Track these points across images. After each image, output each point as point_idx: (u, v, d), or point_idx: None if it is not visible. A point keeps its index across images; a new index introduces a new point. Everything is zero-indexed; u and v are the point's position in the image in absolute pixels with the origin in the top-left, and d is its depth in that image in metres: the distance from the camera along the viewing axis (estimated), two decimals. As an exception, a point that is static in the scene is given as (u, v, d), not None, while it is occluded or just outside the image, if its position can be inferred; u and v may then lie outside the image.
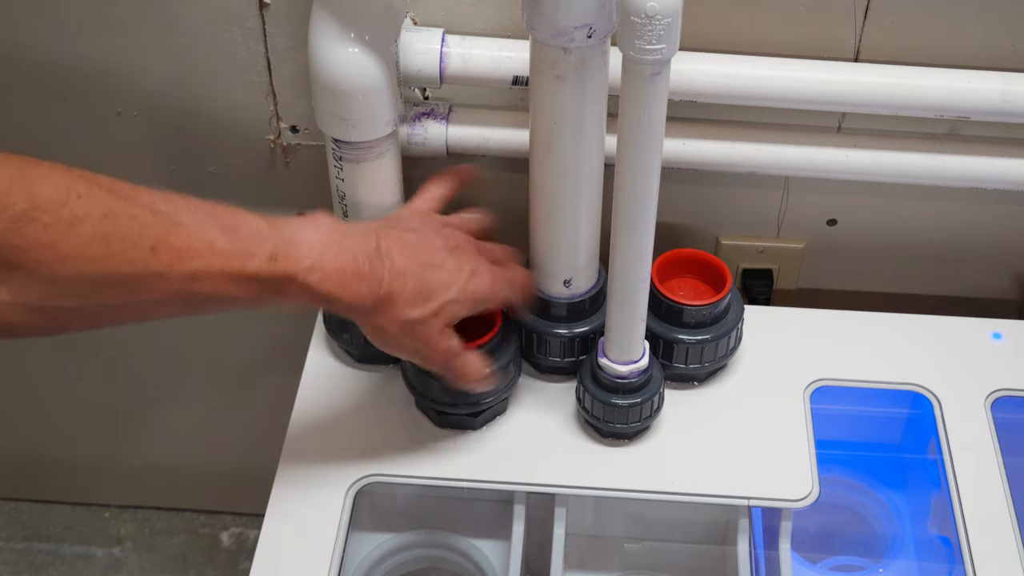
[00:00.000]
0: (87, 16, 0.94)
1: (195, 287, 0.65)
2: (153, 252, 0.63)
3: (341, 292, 0.72)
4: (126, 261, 0.62)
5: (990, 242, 1.06)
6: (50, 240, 0.59)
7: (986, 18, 0.91)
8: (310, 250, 0.70)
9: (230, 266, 0.66)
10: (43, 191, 0.60)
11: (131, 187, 0.65)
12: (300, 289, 0.70)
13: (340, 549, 0.84)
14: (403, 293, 0.75)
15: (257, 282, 0.68)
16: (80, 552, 1.40)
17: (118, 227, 0.62)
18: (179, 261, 0.64)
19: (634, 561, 0.94)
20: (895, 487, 0.99)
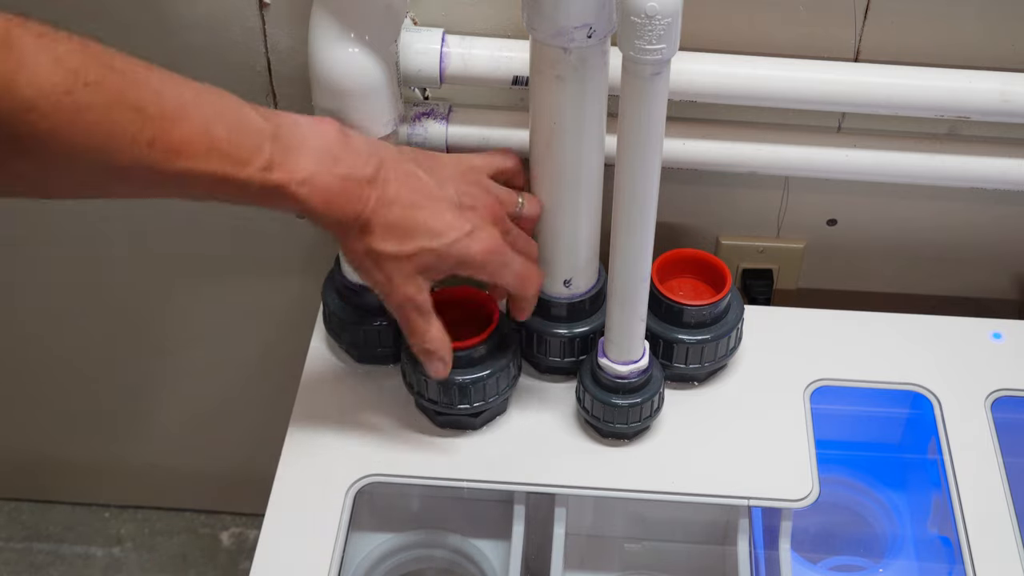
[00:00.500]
0: (87, 16, 0.94)
1: (185, 183, 0.65)
2: (150, 147, 0.63)
3: (324, 209, 0.71)
4: (123, 154, 0.62)
5: (990, 242, 1.06)
6: (49, 127, 0.59)
7: (986, 18, 0.91)
8: (306, 163, 0.70)
9: (223, 170, 0.66)
10: (52, 77, 0.59)
11: (144, 68, 0.64)
12: (288, 199, 0.70)
13: (340, 549, 0.84)
14: (382, 222, 0.73)
15: (247, 187, 0.68)
16: (80, 552, 1.40)
17: (122, 119, 0.62)
18: (174, 158, 0.64)
19: (634, 561, 0.94)
20: (895, 487, 0.99)
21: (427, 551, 0.96)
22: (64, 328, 1.23)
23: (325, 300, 0.95)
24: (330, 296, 0.95)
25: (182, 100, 0.65)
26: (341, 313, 0.93)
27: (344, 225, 0.73)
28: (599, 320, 0.91)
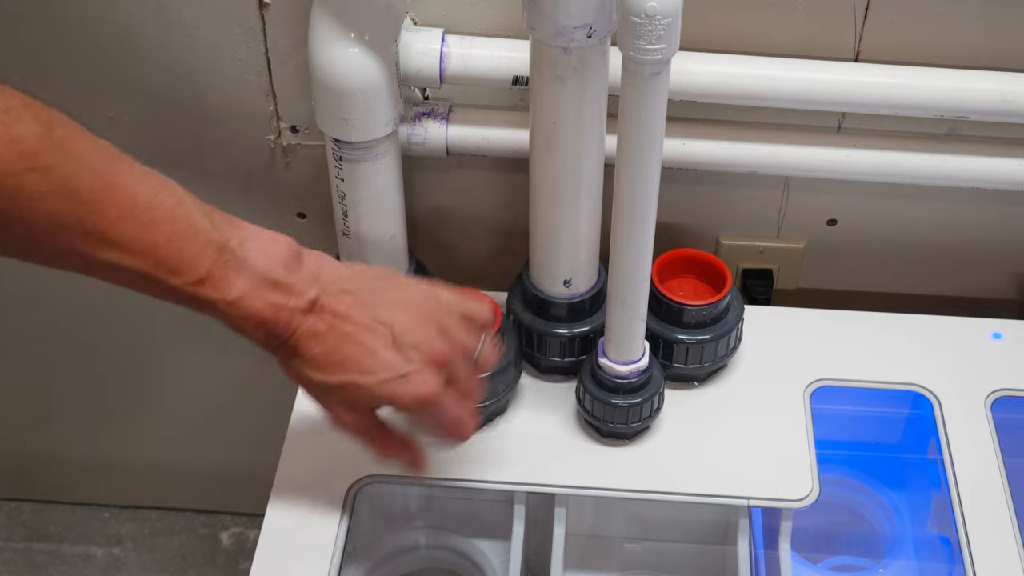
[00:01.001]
0: (87, 16, 0.94)
1: (114, 274, 0.65)
2: (85, 237, 0.62)
3: (251, 331, 0.70)
4: (55, 237, 0.62)
5: (990, 242, 1.06)
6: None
7: (986, 18, 0.91)
8: (241, 284, 0.68)
9: (154, 272, 0.65)
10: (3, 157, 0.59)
11: (105, 157, 0.63)
12: (214, 314, 0.69)
13: (340, 549, 0.84)
14: (309, 352, 0.71)
15: (177, 293, 0.67)
16: (80, 552, 1.40)
17: (61, 207, 0.61)
18: (105, 251, 0.63)
19: (634, 561, 0.94)
20: (895, 487, 0.99)
21: (427, 551, 0.96)
22: (64, 328, 1.23)
23: (325, 300, 0.95)
24: (330, 296, 0.94)
25: (132, 197, 0.64)
26: (341, 313, 0.93)
27: (272, 348, 0.72)
28: (599, 320, 0.91)
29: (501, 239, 1.08)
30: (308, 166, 1.03)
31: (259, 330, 0.70)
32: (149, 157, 1.05)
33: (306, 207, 1.07)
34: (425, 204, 1.05)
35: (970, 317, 0.99)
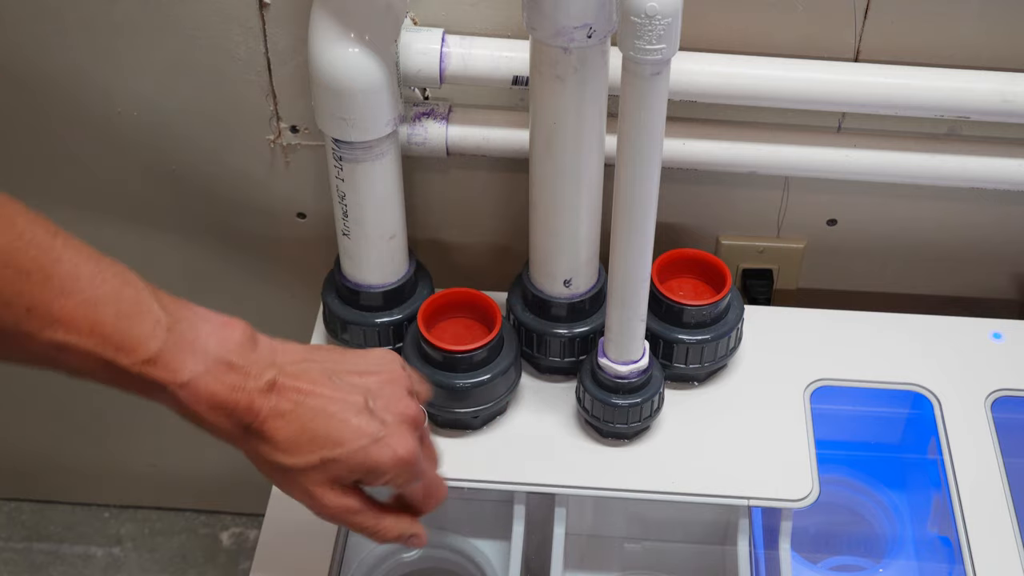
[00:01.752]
0: (88, 16, 0.94)
1: (60, 356, 0.60)
2: (28, 313, 0.59)
3: (208, 415, 0.65)
4: (2, 315, 0.58)
5: (990, 242, 1.06)
6: None
7: (986, 18, 0.91)
8: (194, 365, 0.64)
9: (102, 351, 0.61)
10: None
11: (50, 234, 0.61)
12: (167, 399, 0.64)
13: (340, 549, 0.84)
14: (278, 435, 0.66)
15: (127, 376, 0.62)
16: (80, 552, 1.40)
17: (5, 283, 0.58)
18: (51, 329, 0.60)
19: (634, 561, 0.94)
20: (895, 487, 0.99)
21: (427, 551, 0.96)
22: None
23: (325, 300, 0.95)
24: (330, 296, 0.95)
25: (76, 272, 0.61)
26: (341, 313, 0.93)
27: (234, 436, 0.67)
28: (599, 320, 0.91)
29: (501, 239, 1.08)
30: (308, 166, 1.03)
31: (218, 414, 0.65)
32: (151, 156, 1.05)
33: (306, 207, 1.07)
34: (425, 204, 1.05)
35: (970, 317, 0.99)
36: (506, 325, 0.91)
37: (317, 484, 0.68)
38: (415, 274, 0.95)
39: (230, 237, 1.11)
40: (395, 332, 0.93)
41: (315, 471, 0.68)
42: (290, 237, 1.10)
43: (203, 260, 1.14)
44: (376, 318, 0.93)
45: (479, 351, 0.87)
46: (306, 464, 0.67)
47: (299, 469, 0.67)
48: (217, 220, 1.09)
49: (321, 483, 0.68)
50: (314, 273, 1.03)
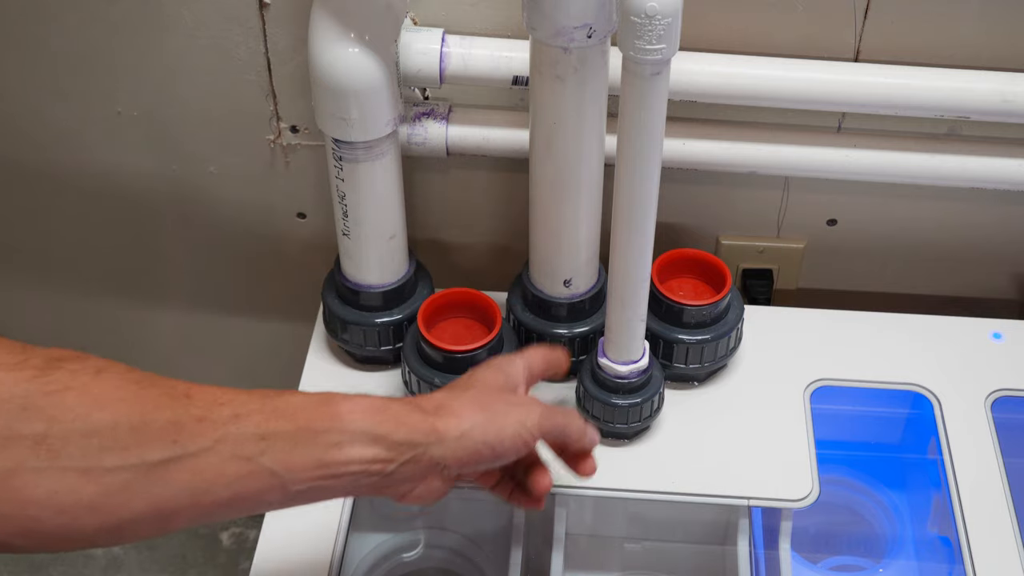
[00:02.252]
0: (88, 16, 0.94)
1: (241, 427, 0.60)
2: (189, 398, 0.60)
3: (381, 402, 0.66)
4: (162, 405, 0.58)
5: (990, 242, 1.06)
6: (80, 384, 0.56)
7: (986, 18, 0.91)
8: (338, 393, 0.66)
9: (269, 401, 0.62)
10: (59, 350, 0.58)
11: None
12: (345, 402, 0.65)
13: (340, 549, 0.84)
14: (438, 396, 0.71)
15: (301, 409, 0.63)
16: (80, 552, 1.40)
17: (144, 377, 0.60)
18: (216, 404, 0.60)
19: (634, 561, 0.94)
20: (895, 487, 0.99)
21: (427, 551, 0.96)
22: (64, 326, 1.23)
23: (325, 300, 0.95)
24: (330, 296, 0.95)
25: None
26: (341, 313, 0.93)
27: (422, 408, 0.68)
28: (599, 320, 0.91)
29: (501, 239, 1.08)
30: (308, 166, 1.03)
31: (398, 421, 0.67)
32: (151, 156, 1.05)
33: (306, 207, 1.07)
34: (425, 204, 1.05)
35: (970, 317, 0.99)
36: (506, 325, 0.91)
37: (503, 392, 0.73)
38: (415, 274, 0.95)
39: (230, 237, 1.11)
40: (395, 332, 0.93)
41: (484, 387, 0.72)
42: (290, 237, 1.10)
43: (203, 260, 1.14)
44: (376, 318, 0.93)
45: (479, 351, 0.87)
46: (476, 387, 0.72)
47: (474, 396, 0.70)
48: (217, 220, 1.09)
49: (504, 392, 0.73)
50: (314, 273, 1.03)
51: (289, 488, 0.62)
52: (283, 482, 0.61)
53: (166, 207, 1.09)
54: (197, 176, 1.05)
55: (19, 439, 0.54)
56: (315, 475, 0.63)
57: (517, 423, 0.70)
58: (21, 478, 0.54)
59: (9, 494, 0.54)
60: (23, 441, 0.54)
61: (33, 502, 0.55)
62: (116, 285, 1.18)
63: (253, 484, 0.60)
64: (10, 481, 0.54)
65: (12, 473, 0.54)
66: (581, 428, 0.74)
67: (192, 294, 1.18)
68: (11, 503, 0.54)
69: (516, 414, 0.70)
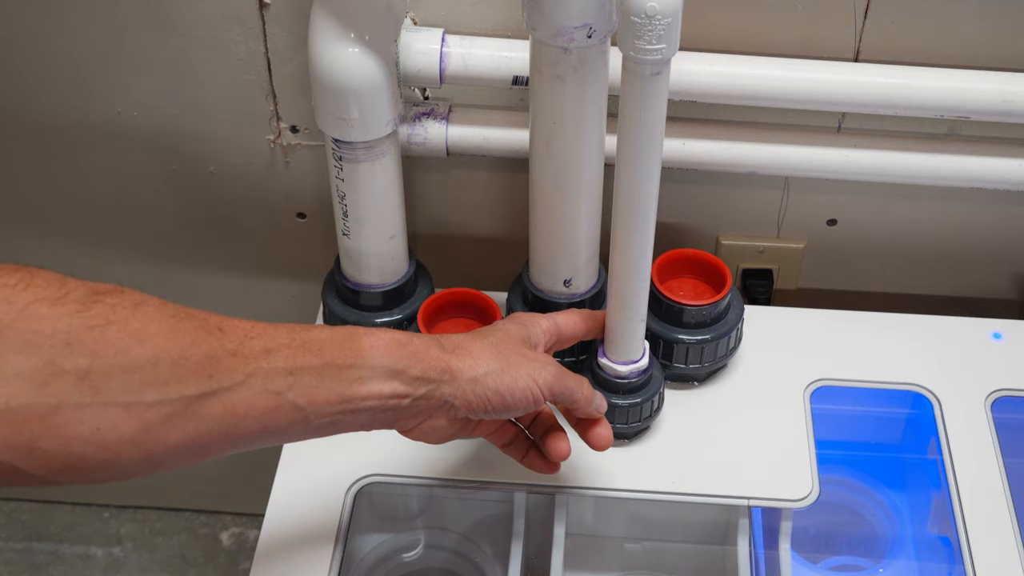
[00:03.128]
0: (88, 16, 0.94)
1: (271, 361, 0.62)
2: (222, 332, 0.61)
3: (405, 337, 0.68)
4: (199, 339, 0.60)
5: (990, 242, 1.06)
6: (120, 318, 0.57)
7: (986, 18, 0.91)
8: (363, 328, 0.68)
9: (297, 335, 0.64)
10: (98, 284, 0.58)
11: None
12: (368, 338, 0.66)
13: (340, 549, 0.84)
14: (459, 337, 0.72)
15: (328, 343, 0.65)
16: (80, 552, 1.40)
17: (179, 310, 0.60)
18: (248, 337, 0.62)
19: (634, 561, 0.94)
20: (895, 487, 0.99)
21: (427, 551, 0.96)
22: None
23: (325, 300, 0.95)
24: (330, 296, 0.95)
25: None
26: (341, 313, 0.93)
27: (439, 342, 0.70)
28: (599, 320, 0.91)
29: (501, 239, 1.08)
30: (308, 166, 1.03)
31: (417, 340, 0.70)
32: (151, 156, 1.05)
33: (306, 207, 1.07)
34: (425, 204, 1.05)
35: (970, 317, 0.99)
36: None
37: (522, 346, 0.74)
38: (415, 274, 0.95)
39: (230, 237, 1.11)
40: (395, 332, 0.93)
41: (505, 338, 0.74)
42: (290, 237, 1.10)
43: (203, 260, 1.14)
44: (376, 318, 0.93)
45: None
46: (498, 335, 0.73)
47: (495, 342, 0.73)
48: (217, 220, 1.09)
49: (522, 345, 0.74)
50: (314, 273, 1.03)
51: (312, 421, 0.64)
52: (307, 416, 0.64)
53: (166, 207, 1.09)
54: (197, 176, 1.05)
55: (63, 375, 0.54)
56: (337, 409, 0.65)
57: (529, 377, 0.72)
58: (64, 414, 0.54)
59: (54, 431, 0.54)
60: (67, 377, 0.54)
61: (77, 438, 0.55)
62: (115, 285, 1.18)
63: (280, 417, 0.62)
64: (53, 418, 0.54)
65: (55, 409, 0.54)
66: (589, 395, 0.78)
67: (192, 294, 1.18)
68: (55, 439, 0.55)
69: (529, 368, 0.73)
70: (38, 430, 0.54)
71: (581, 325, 0.83)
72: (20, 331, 0.54)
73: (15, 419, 0.53)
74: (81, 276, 0.60)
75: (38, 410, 0.53)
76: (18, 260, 0.60)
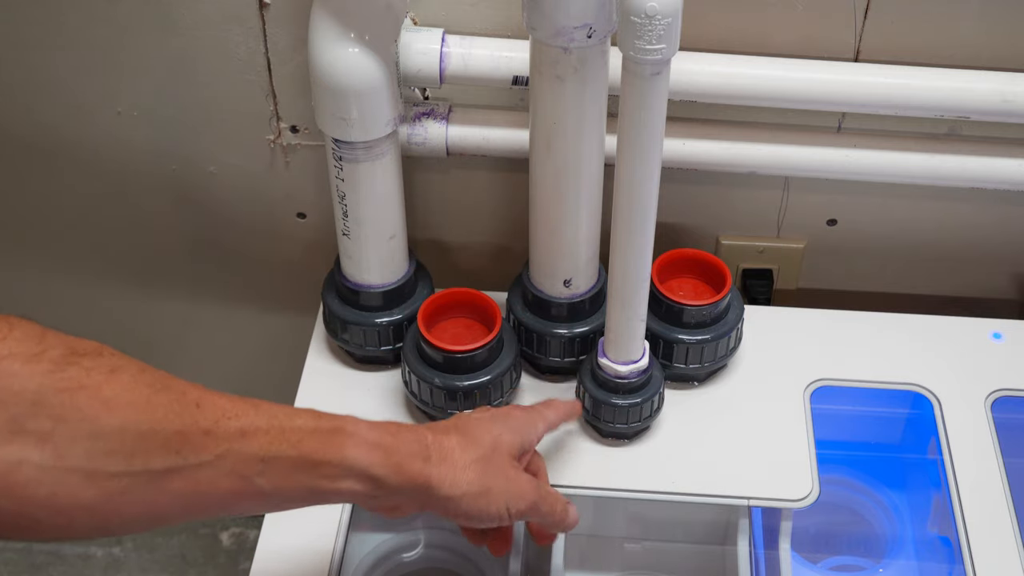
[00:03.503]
0: (88, 16, 0.94)
1: (245, 446, 0.61)
2: (198, 408, 0.60)
3: (392, 439, 0.67)
4: (171, 414, 0.58)
5: (990, 242, 1.06)
6: (93, 383, 0.56)
7: (986, 18, 0.91)
8: (351, 420, 0.68)
9: (278, 421, 0.62)
10: (78, 342, 0.58)
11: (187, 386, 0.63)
12: (351, 439, 0.65)
13: (340, 549, 0.84)
14: (451, 441, 0.71)
15: (308, 436, 0.64)
16: (80, 552, 1.40)
17: (158, 379, 0.59)
18: (224, 417, 0.60)
19: (634, 561, 0.94)
20: (895, 487, 0.99)
21: (427, 551, 0.96)
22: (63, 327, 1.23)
23: (325, 300, 0.95)
24: (330, 296, 0.95)
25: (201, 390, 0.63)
26: (341, 313, 0.93)
27: (420, 454, 0.69)
28: (599, 320, 0.91)
29: (501, 239, 1.08)
30: (308, 166, 1.03)
31: (398, 439, 0.69)
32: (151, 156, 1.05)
33: (306, 207, 1.07)
34: (425, 204, 1.05)
35: (970, 317, 0.99)
36: (506, 325, 0.91)
37: (508, 463, 0.73)
38: (415, 274, 0.95)
39: (230, 237, 1.11)
40: (395, 332, 0.93)
41: (495, 452, 0.73)
42: (290, 237, 1.10)
43: (203, 260, 1.14)
44: (376, 318, 0.93)
45: (479, 351, 0.87)
46: (487, 449, 0.72)
47: (487, 457, 0.72)
48: (217, 220, 1.09)
49: (510, 463, 0.74)
50: (314, 273, 1.03)
51: (275, 504, 0.64)
52: (272, 500, 0.63)
53: (166, 207, 1.09)
54: (197, 176, 1.05)
55: (26, 434, 0.54)
56: (303, 497, 0.65)
57: (504, 505, 0.72)
58: (24, 474, 0.54)
59: (12, 490, 0.54)
60: (29, 436, 0.54)
61: (32, 501, 0.54)
62: (115, 285, 1.18)
63: (244, 499, 0.62)
64: (13, 476, 0.54)
65: (16, 468, 0.54)
66: (560, 517, 0.77)
67: (192, 294, 1.18)
68: (12, 499, 0.54)
69: (508, 496, 0.72)
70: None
71: (560, 421, 0.83)
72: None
73: None
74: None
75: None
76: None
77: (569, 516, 0.78)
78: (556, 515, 0.77)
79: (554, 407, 0.82)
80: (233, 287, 1.16)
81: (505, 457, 0.74)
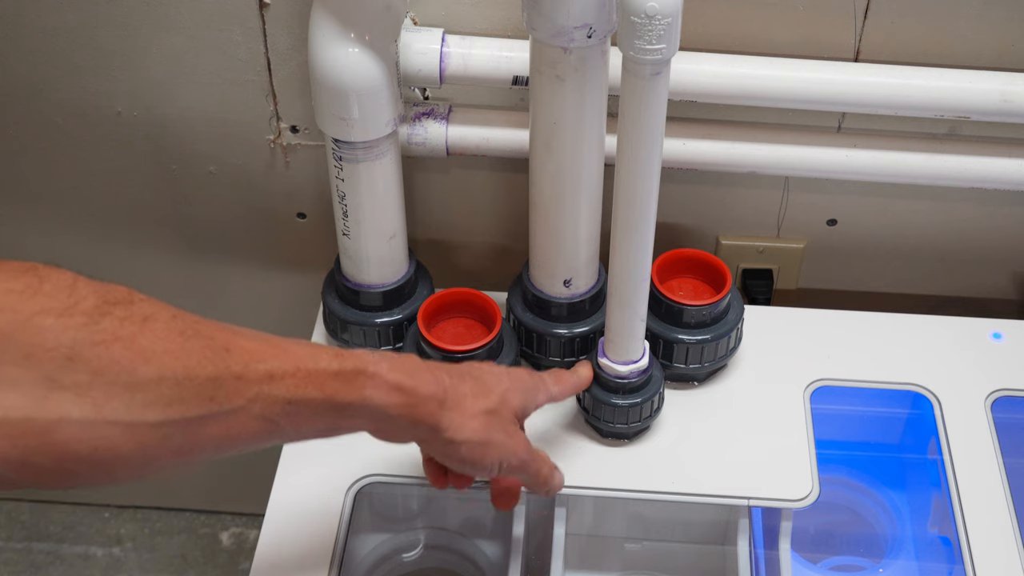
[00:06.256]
0: (88, 16, 0.94)
1: (273, 389, 0.62)
2: (228, 352, 0.60)
3: (411, 381, 0.68)
4: (204, 360, 0.58)
5: (990, 242, 1.06)
6: (127, 334, 0.55)
7: (986, 18, 0.91)
8: (372, 359, 0.68)
9: (303, 364, 0.63)
10: (109, 288, 0.58)
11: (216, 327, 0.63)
12: (372, 381, 0.66)
13: (340, 549, 0.84)
14: (466, 387, 0.72)
15: (332, 379, 0.64)
16: (80, 552, 1.40)
17: (189, 326, 0.59)
18: (253, 360, 0.61)
19: (634, 561, 0.94)
20: (895, 487, 0.99)
21: (427, 551, 0.96)
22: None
23: (325, 300, 0.95)
24: (330, 296, 0.95)
25: (229, 327, 0.63)
26: (341, 313, 0.93)
27: (435, 395, 0.70)
28: (599, 320, 0.91)
29: (501, 239, 1.08)
30: (308, 166, 1.03)
31: (416, 378, 0.70)
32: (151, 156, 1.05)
33: (306, 207, 1.07)
34: (425, 204, 1.05)
35: (970, 317, 0.99)
36: (506, 325, 0.91)
37: (510, 422, 0.75)
38: (415, 274, 0.95)
39: (230, 237, 1.11)
40: (395, 332, 0.93)
41: (504, 407, 0.74)
42: (290, 237, 1.10)
43: (203, 260, 1.14)
44: (376, 318, 0.93)
45: (479, 351, 0.87)
46: (496, 402, 0.74)
47: (495, 410, 0.73)
48: (217, 220, 1.09)
49: (512, 421, 0.75)
50: (314, 273, 1.03)
51: (290, 439, 0.66)
52: (289, 437, 0.65)
53: (166, 207, 1.09)
54: (197, 176, 1.05)
55: (64, 390, 0.53)
56: (319, 433, 0.66)
57: (497, 458, 0.74)
58: (64, 432, 0.54)
59: (52, 448, 0.54)
60: (67, 392, 0.53)
61: (74, 457, 0.54)
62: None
63: (267, 439, 0.63)
64: (52, 435, 0.53)
65: (56, 425, 0.53)
66: (545, 478, 0.79)
67: (192, 294, 1.18)
68: (51, 456, 0.54)
69: (504, 450, 0.74)
70: (34, 445, 0.53)
71: (566, 391, 0.85)
72: (21, 344, 0.53)
73: (12, 432, 0.52)
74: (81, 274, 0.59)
75: (36, 425, 0.53)
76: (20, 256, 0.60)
77: (554, 479, 0.79)
78: (542, 477, 0.78)
79: (560, 382, 0.84)
80: (233, 287, 1.16)
81: (509, 413, 0.76)
